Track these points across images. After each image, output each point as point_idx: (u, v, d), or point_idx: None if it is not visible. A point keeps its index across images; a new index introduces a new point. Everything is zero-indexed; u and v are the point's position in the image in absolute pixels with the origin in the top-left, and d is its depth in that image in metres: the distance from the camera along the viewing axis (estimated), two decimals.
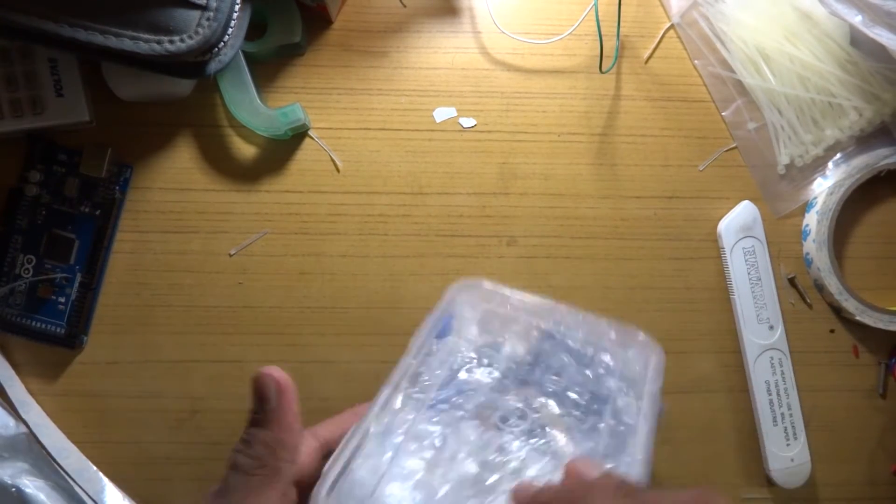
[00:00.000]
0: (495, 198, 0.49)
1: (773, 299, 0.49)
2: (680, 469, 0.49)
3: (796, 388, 0.49)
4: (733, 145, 0.50)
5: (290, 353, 0.48)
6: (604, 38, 0.48)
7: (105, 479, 0.46)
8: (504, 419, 0.36)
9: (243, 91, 0.46)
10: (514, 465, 0.34)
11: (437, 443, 0.35)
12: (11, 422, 0.45)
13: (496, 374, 0.38)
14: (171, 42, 0.40)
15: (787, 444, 0.48)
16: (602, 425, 0.36)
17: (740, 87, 0.50)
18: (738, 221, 0.49)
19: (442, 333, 0.39)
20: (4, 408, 0.46)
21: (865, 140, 0.49)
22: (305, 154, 0.48)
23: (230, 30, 0.41)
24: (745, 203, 0.49)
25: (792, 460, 0.48)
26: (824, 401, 0.50)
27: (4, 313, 0.46)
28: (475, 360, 0.39)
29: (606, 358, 0.38)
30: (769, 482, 0.49)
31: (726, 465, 0.50)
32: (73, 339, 0.47)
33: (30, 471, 0.44)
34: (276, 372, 0.32)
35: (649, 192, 0.50)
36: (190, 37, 0.40)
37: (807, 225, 0.50)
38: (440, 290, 0.38)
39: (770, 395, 0.48)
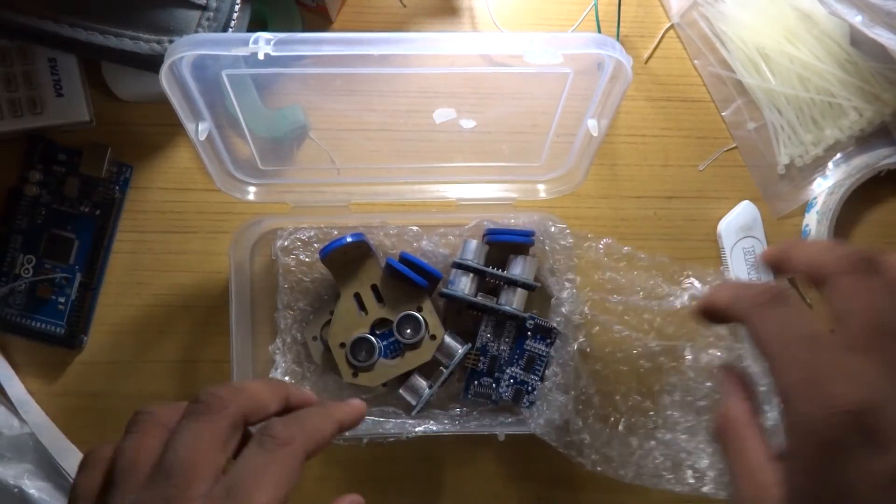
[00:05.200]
0: None
1: None
2: None
3: None
4: (733, 145, 0.50)
5: None
6: None
7: None
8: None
9: (244, 92, 0.46)
10: None
11: None
12: (15, 421, 0.45)
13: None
14: (171, 42, 0.40)
15: None
16: None
17: (740, 87, 0.50)
18: (738, 221, 0.49)
19: None
20: (8, 408, 0.46)
21: (865, 140, 0.49)
22: (305, 155, 0.48)
23: (230, 30, 0.41)
24: (745, 203, 0.49)
25: None
26: None
27: (4, 313, 0.46)
28: None
29: None
30: None
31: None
32: (73, 339, 0.47)
33: (33, 472, 0.44)
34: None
35: (649, 192, 0.50)
36: None
37: (807, 225, 0.50)
38: None
39: None
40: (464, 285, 0.44)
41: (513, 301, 0.44)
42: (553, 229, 0.46)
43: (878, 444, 0.23)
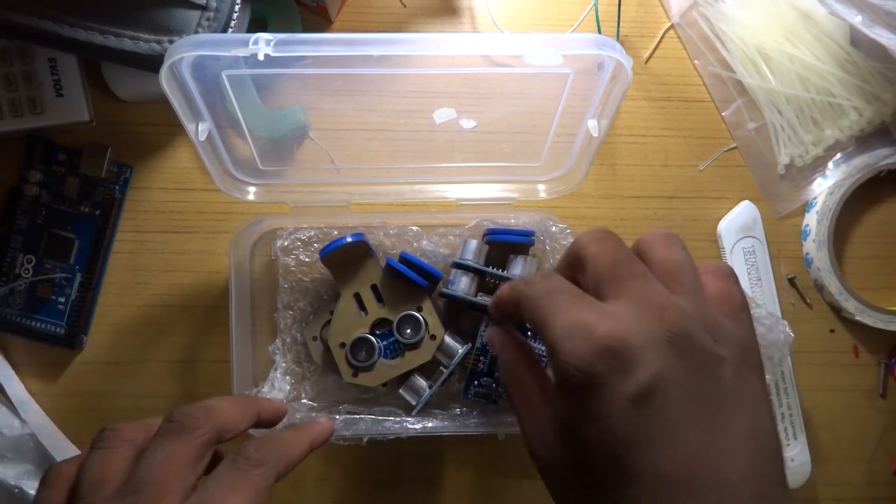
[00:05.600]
0: None
1: (773, 299, 0.49)
2: None
3: (796, 388, 0.49)
4: (733, 145, 0.50)
5: None
6: None
7: None
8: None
9: (244, 92, 0.46)
10: None
11: None
12: (16, 422, 0.45)
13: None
14: (171, 42, 0.40)
15: (787, 444, 0.48)
16: None
17: (740, 87, 0.50)
18: (738, 221, 0.49)
19: None
20: (9, 408, 0.46)
21: (865, 140, 0.49)
22: (305, 155, 0.48)
23: (230, 30, 0.41)
24: (745, 203, 0.49)
25: (792, 460, 0.48)
26: (824, 401, 0.50)
27: (4, 313, 0.46)
28: None
29: None
30: None
31: None
32: (73, 339, 0.47)
33: (34, 472, 0.44)
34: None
35: (649, 192, 0.50)
36: None
37: (807, 225, 0.50)
38: None
39: (770, 394, 0.48)
40: (464, 285, 0.44)
41: None
42: (554, 229, 0.46)
43: (625, 369, 0.26)
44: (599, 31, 0.48)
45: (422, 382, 0.45)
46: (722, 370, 0.27)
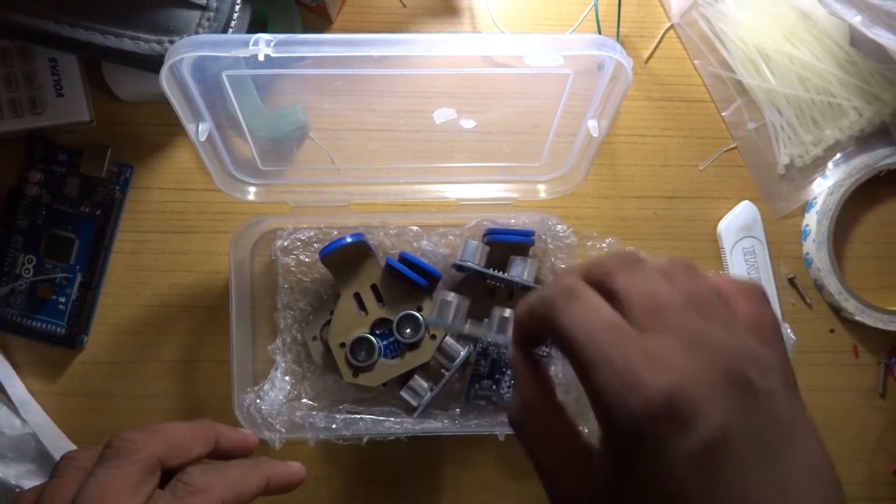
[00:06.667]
0: None
1: (774, 299, 0.49)
2: None
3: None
4: (733, 145, 0.50)
5: None
6: None
7: None
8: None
9: (244, 92, 0.46)
10: None
11: None
12: (17, 422, 0.45)
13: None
14: (171, 42, 0.40)
15: None
16: None
17: (740, 87, 0.50)
18: (738, 221, 0.49)
19: None
20: (10, 408, 0.46)
21: (865, 140, 0.49)
22: (305, 155, 0.48)
23: (230, 30, 0.41)
24: (745, 203, 0.49)
25: None
26: (824, 401, 0.50)
27: (5, 313, 0.46)
28: None
29: None
30: None
31: None
32: (73, 339, 0.47)
33: (35, 472, 0.44)
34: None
35: (649, 192, 0.50)
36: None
37: (807, 225, 0.50)
38: None
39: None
40: (451, 314, 0.43)
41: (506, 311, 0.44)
42: (558, 227, 0.46)
43: (687, 423, 0.23)
44: (599, 32, 0.48)
45: (423, 384, 0.45)
46: (776, 406, 0.24)
